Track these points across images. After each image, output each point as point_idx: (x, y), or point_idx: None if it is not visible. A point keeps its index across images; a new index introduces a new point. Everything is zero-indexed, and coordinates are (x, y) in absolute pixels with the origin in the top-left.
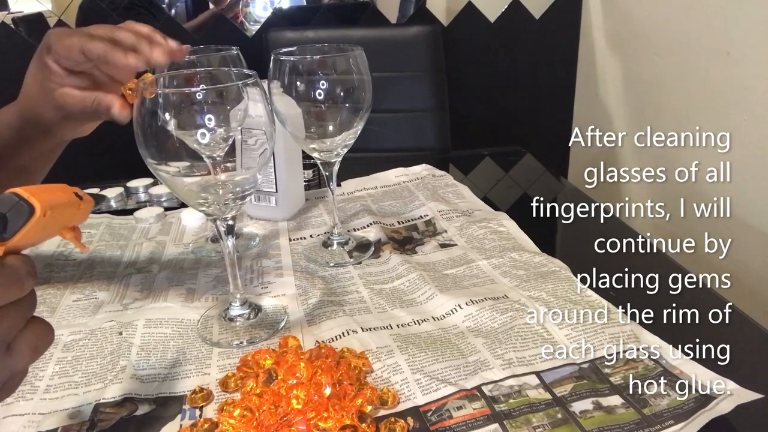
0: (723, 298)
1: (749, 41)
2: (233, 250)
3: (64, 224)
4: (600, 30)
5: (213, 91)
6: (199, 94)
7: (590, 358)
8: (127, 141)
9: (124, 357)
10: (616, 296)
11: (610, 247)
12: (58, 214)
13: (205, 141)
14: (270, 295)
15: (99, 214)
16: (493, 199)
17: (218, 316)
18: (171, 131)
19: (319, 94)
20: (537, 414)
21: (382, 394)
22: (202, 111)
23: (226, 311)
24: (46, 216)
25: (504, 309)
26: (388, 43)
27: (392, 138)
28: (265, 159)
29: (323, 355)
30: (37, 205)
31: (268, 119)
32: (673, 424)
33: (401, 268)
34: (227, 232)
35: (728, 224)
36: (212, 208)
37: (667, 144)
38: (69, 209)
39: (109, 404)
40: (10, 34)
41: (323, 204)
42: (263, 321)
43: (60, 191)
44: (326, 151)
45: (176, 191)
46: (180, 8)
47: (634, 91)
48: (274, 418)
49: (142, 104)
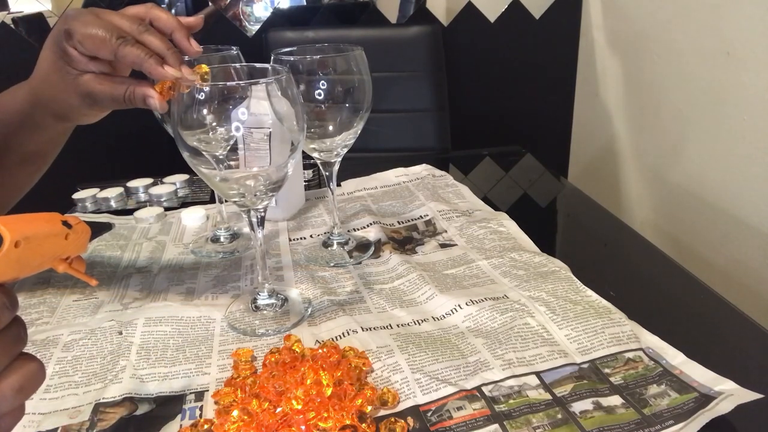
0: (723, 298)
1: (749, 41)
2: (263, 241)
3: (51, 256)
4: (600, 30)
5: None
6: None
7: (590, 358)
8: (127, 141)
9: (124, 357)
10: (616, 296)
11: (610, 247)
12: (37, 245)
13: (239, 134)
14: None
15: (99, 214)
16: (493, 199)
17: (246, 306)
18: (213, 124)
19: (319, 94)
20: (537, 414)
21: (382, 394)
22: (237, 105)
23: (254, 301)
24: (18, 247)
25: (504, 309)
26: (388, 43)
27: (392, 138)
28: (296, 150)
29: (325, 354)
30: (6, 235)
31: (295, 113)
32: (673, 424)
33: (401, 268)
34: (259, 223)
35: (728, 224)
36: (245, 199)
37: (667, 144)
38: (53, 239)
39: (109, 404)
40: (10, 34)
41: (323, 204)
42: (290, 310)
43: (43, 220)
44: (326, 151)
45: (211, 183)
46: (180, 8)
47: (634, 91)
48: (274, 418)
49: (188, 97)
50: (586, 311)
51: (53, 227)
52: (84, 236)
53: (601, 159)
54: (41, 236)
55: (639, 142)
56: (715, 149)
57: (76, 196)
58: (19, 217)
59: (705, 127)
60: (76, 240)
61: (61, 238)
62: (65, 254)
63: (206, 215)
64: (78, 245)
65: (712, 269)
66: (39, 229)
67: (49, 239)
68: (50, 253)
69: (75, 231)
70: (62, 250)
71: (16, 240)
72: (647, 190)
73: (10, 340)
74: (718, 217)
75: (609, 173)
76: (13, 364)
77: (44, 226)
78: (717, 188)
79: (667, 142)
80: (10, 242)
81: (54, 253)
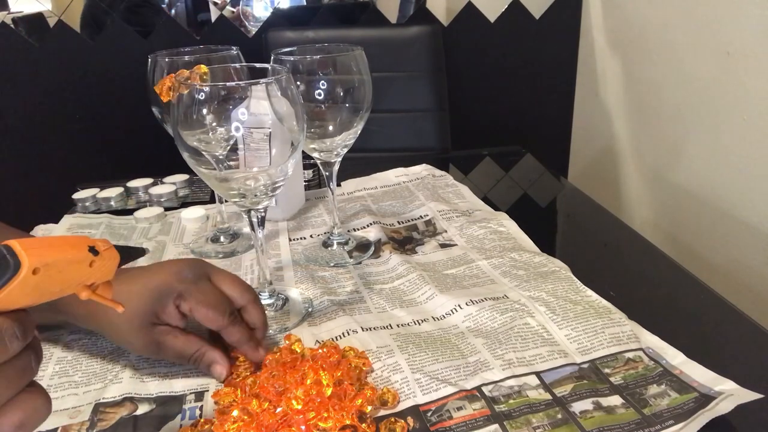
0: (723, 298)
1: (749, 41)
2: (263, 241)
3: (74, 283)
4: (600, 30)
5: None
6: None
7: (590, 358)
8: (127, 141)
9: (124, 357)
10: (616, 296)
11: (610, 247)
12: (57, 272)
13: (239, 134)
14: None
15: (99, 214)
16: (493, 199)
17: None
18: (213, 125)
19: (319, 94)
20: (537, 414)
21: (382, 394)
22: (237, 105)
23: None
24: (37, 274)
25: (504, 309)
26: (388, 43)
27: (392, 138)
28: (296, 150)
29: (325, 354)
30: (24, 261)
31: (295, 113)
32: (673, 424)
33: (401, 268)
34: (259, 223)
35: (728, 224)
36: (245, 199)
37: (667, 144)
38: (76, 266)
39: (109, 404)
40: (10, 34)
41: (323, 204)
42: (291, 310)
43: (68, 245)
44: (326, 151)
45: (211, 183)
46: (180, 8)
47: (634, 91)
48: (274, 418)
49: (188, 97)
50: (586, 311)
51: (78, 253)
52: (112, 263)
53: (601, 159)
54: (63, 263)
55: (639, 142)
56: (715, 149)
57: (76, 196)
58: (43, 241)
59: (705, 127)
60: (102, 267)
61: (85, 265)
62: (89, 281)
63: (206, 215)
64: (104, 272)
65: (712, 269)
66: (61, 255)
67: (72, 266)
68: (72, 280)
69: (102, 257)
70: (86, 278)
71: (34, 266)
72: (647, 190)
73: (16, 372)
74: (718, 217)
75: (609, 173)
76: (17, 397)
77: (68, 252)
78: (717, 188)
79: (667, 142)
80: (29, 269)
81: (76, 280)
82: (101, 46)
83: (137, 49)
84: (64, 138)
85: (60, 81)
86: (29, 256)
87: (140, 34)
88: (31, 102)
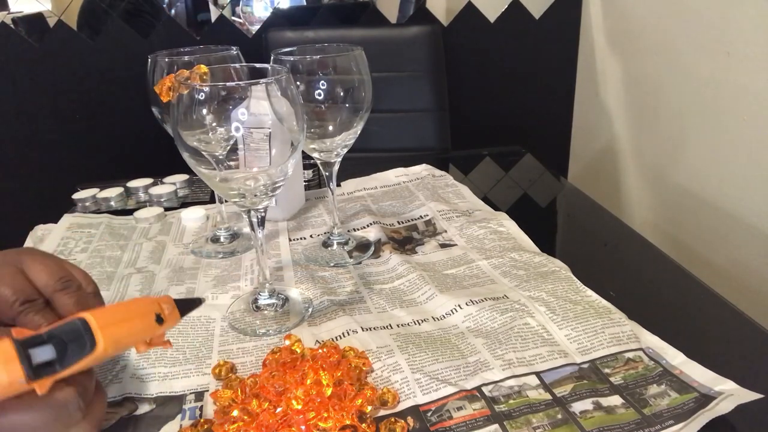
0: (723, 298)
1: (749, 41)
2: (263, 241)
3: (136, 343)
4: (600, 30)
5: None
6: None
7: (590, 358)
8: (127, 141)
9: (123, 357)
10: (616, 296)
11: (610, 247)
12: (124, 346)
13: (239, 134)
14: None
15: (99, 214)
16: (493, 199)
17: (247, 306)
18: (213, 125)
19: (319, 94)
20: (537, 414)
21: (382, 394)
22: (237, 105)
23: (254, 301)
24: (107, 352)
25: (504, 309)
26: (388, 43)
27: (392, 138)
28: (296, 150)
29: (325, 354)
30: (100, 344)
31: (294, 113)
32: (673, 424)
33: (401, 268)
34: (259, 223)
35: (728, 224)
36: (245, 199)
37: (667, 144)
38: (141, 335)
39: (109, 404)
40: (10, 34)
41: (323, 204)
42: (291, 310)
43: (138, 317)
44: (326, 151)
45: (211, 183)
46: (180, 8)
47: (634, 91)
48: (274, 418)
49: (188, 97)
50: (586, 311)
51: (146, 325)
52: (172, 324)
53: (601, 159)
54: (131, 336)
55: (639, 142)
56: (715, 149)
57: (76, 196)
58: (115, 312)
59: (705, 127)
60: (163, 328)
61: (150, 332)
62: (149, 339)
63: (206, 215)
64: (163, 333)
65: (712, 269)
66: (131, 330)
67: (138, 335)
68: (134, 344)
69: (166, 323)
70: (150, 339)
71: (108, 348)
72: (647, 190)
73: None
74: (718, 217)
75: (609, 173)
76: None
77: (137, 325)
78: (717, 188)
79: (667, 142)
80: (104, 350)
81: (141, 341)
82: (101, 46)
83: (137, 49)
84: (64, 138)
85: (60, 81)
86: (104, 337)
87: (140, 34)
88: (31, 102)
